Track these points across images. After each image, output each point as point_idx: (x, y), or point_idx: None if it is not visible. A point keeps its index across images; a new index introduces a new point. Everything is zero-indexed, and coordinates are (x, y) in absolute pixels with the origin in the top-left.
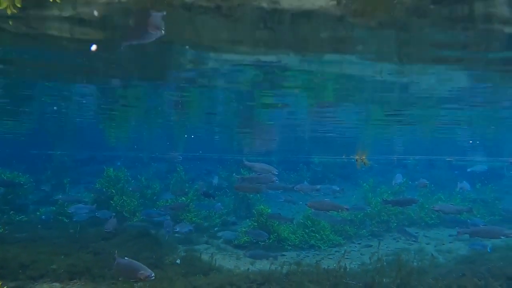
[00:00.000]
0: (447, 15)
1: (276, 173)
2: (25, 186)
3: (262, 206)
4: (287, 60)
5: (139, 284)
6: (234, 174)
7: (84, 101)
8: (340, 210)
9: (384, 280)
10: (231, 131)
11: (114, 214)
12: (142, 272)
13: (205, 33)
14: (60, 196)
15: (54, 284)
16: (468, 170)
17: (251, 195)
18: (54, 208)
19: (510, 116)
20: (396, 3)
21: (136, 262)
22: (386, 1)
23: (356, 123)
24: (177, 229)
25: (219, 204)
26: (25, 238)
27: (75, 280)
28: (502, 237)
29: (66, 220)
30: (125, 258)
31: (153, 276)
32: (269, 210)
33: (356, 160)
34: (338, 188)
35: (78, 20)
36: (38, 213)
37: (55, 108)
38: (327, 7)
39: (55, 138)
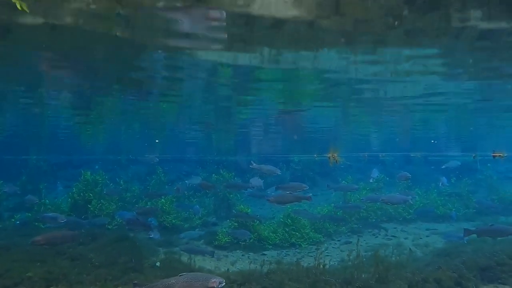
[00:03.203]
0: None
1: (279, 173)
2: None
3: (242, 206)
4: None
5: None
6: (213, 174)
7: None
8: (302, 201)
9: (363, 275)
10: (209, 132)
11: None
12: (214, 280)
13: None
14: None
15: None
16: (443, 167)
17: (231, 195)
18: (29, 214)
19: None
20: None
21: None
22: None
23: (333, 121)
24: (152, 235)
25: (197, 206)
26: None
27: (51, 287)
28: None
29: (43, 226)
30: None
31: (224, 282)
32: (249, 210)
33: (329, 158)
34: (356, 186)
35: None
36: (13, 219)
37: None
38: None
39: (30, 143)
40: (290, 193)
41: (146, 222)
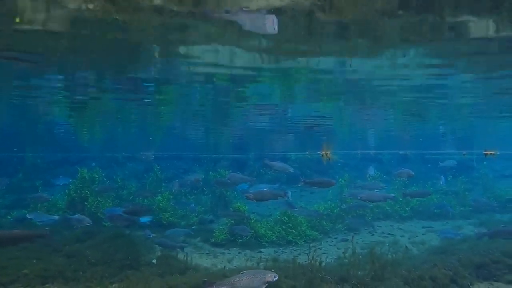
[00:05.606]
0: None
1: (292, 171)
2: None
3: (239, 204)
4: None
5: (114, 285)
6: (210, 172)
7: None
8: (279, 198)
9: (359, 273)
10: (207, 129)
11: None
12: (270, 275)
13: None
14: None
15: None
16: (440, 165)
17: (228, 193)
18: (26, 211)
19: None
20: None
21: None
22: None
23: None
24: (151, 235)
25: (193, 205)
26: None
27: (47, 285)
28: None
29: (39, 223)
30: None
31: (277, 277)
32: (246, 208)
33: (322, 156)
34: (382, 185)
35: None
36: (9, 217)
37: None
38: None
39: (27, 139)
40: (267, 190)
41: (130, 217)
